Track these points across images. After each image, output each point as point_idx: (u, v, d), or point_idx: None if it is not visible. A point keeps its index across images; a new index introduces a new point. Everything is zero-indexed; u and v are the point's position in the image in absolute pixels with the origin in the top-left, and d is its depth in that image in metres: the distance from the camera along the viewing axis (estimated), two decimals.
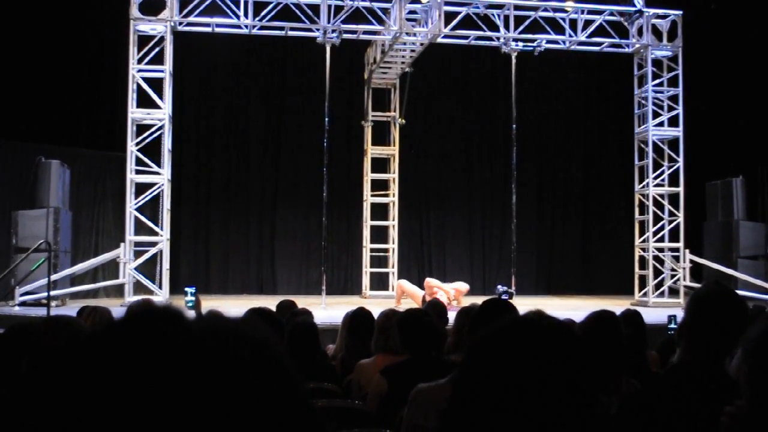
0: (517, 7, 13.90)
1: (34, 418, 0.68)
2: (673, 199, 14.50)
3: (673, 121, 14.58)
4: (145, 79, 12.86)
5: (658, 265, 14.30)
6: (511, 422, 1.20)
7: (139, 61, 12.90)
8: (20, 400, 0.69)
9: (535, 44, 14.16)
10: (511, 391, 1.21)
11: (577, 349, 1.28)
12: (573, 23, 14.15)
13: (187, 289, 11.76)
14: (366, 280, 16.49)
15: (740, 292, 13.16)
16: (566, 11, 14.12)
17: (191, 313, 0.77)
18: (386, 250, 16.68)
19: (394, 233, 16.59)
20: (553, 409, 1.20)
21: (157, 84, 12.90)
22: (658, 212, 14.46)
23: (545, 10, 13.98)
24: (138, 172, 12.94)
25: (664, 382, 2.63)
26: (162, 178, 12.88)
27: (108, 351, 0.69)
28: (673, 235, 14.43)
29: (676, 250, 14.32)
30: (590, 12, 14.17)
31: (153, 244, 12.87)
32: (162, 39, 12.92)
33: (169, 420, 0.65)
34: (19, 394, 0.69)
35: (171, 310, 0.74)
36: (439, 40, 13.88)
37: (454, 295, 12.98)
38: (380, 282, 16.64)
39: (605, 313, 3.75)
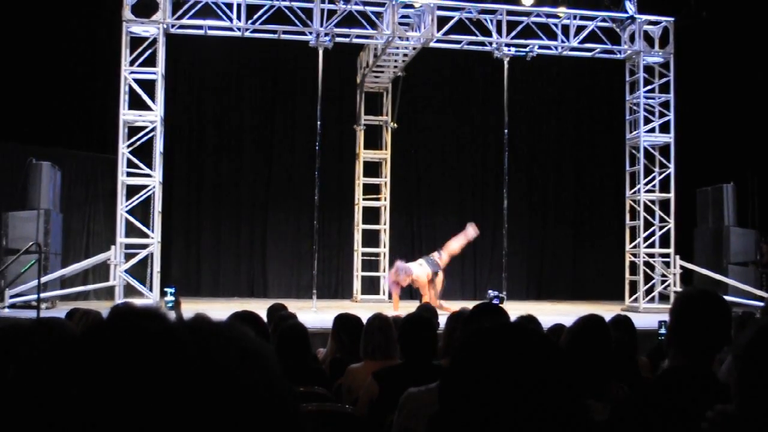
0: (509, 13, 13.92)
1: (21, 422, 0.67)
2: (664, 205, 14.55)
3: (664, 128, 14.63)
4: (137, 81, 12.83)
5: (648, 271, 14.34)
6: (498, 426, 1.20)
7: (132, 62, 12.87)
8: (7, 404, 0.69)
9: (527, 50, 14.19)
10: (495, 395, 1.21)
11: (561, 355, 1.29)
12: (565, 29, 14.19)
13: (166, 289, 11.74)
14: (357, 284, 16.49)
15: (730, 298, 13.24)
16: (559, 17, 14.15)
17: (171, 314, 0.77)
18: (377, 254, 16.68)
19: (385, 237, 16.59)
20: (539, 413, 1.20)
21: (149, 86, 12.87)
22: (649, 218, 14.49)
23: (538, 15, 14.01)
24: (129, 174, 12.90)
25: (655, 387, 2.63)
26: (153, 180, 12.85)
27: (93, 353, 0.69)
28: (664, 241, 14.46)
29: (667, 255, 14.36)
30: (582, 18, 14.21)
31: (144, 246, 12.83)
32: (154, 41, 12.90)
33: (152, 421, 0.65)
34: (6, 397, 0.69)
35: (154, 311, 0.74)
36: (432, 44, 13.90)
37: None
38: (371, 286, 16.64)
39: (593, 317, 3.75)
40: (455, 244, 13.15)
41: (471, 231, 13.27)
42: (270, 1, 13.16)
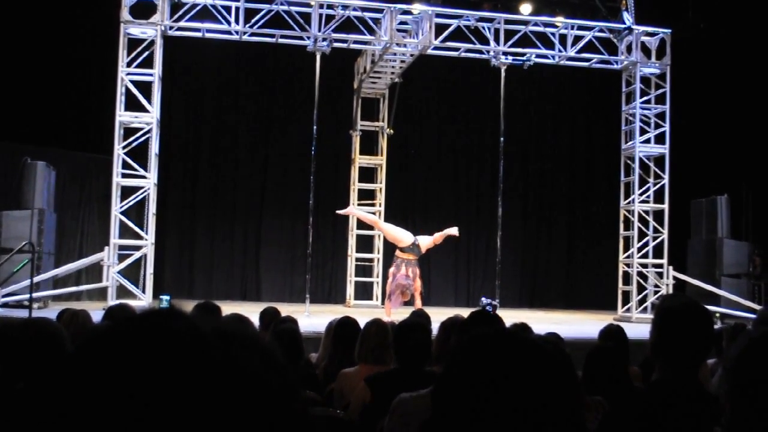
0: (507, 21, 13.96)
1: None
2: (658, 215, 14.58)
3: (659, 139, 14.67)
4: (134, 83, 12.83)
5: (641, 281, 14.36)
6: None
7: (129, 64, 12.87)
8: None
9: (524, 58, 14.23)
10: (489, 402, 1.21)
11: (556, 363, 1.29)
12: (563, 38, 14.23)
13: (162, 296, 11.72)
14: (350, 289, 16.48)
15: (723, 310, 13.28)
16: (556, 26, 14.19)
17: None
18: (371, 260, 16.67)
19: (379, 243, 16.58)
20: (533, 421, 1.20)
21: (145, 88, 12.87)
22: (643, 228, 14.52)
23: (535, 24, 14.05)
24: (124, 175, 12.89)
25: (644, 399, 2.64)
26: (148, 182, 12.84)
27: (122, 353, 0.69)
28: (657, 252, 14.50)
29: (660, 266, 14.39)
30: (580, 28, 14.25)
31: (137, 248, 12.81)
32: (152, 43, 12.90)
33: (183, 417, 0.65)
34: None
35: (180, 311, 0.74)
36: (429, 51, 13.92)
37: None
38: (364, 291, 16.63)
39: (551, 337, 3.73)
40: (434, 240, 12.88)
41: (453, 231, 13.03)
42: (268, 6, 13.18)
